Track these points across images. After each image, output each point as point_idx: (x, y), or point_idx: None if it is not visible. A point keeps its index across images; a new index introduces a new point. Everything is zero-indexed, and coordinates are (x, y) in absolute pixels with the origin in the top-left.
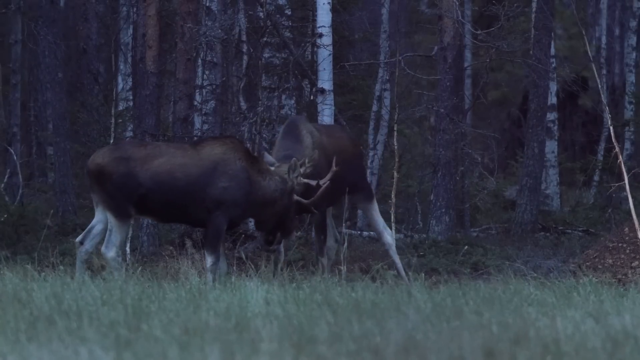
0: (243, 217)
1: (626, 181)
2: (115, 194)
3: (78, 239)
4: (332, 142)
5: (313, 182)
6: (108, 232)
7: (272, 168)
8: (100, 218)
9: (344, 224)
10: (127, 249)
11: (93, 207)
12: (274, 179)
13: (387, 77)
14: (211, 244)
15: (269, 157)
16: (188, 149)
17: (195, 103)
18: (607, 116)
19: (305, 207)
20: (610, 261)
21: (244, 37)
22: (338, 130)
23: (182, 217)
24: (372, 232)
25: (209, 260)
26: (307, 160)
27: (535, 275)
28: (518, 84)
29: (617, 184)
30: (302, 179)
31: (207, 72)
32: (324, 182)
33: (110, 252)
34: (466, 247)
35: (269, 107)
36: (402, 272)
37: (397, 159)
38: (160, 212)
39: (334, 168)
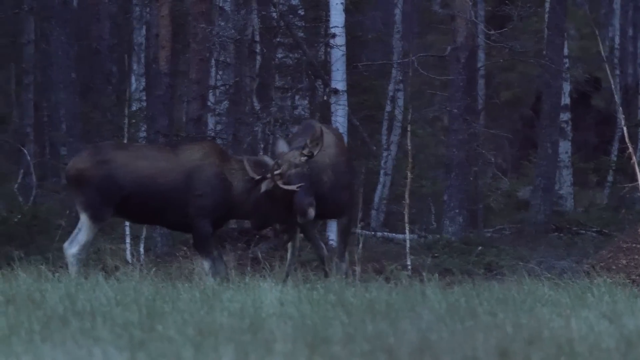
0: (226, 218)
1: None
2: (95, 197)
3: (65, 243)
4: (338, 143)
5: (293, 187)
6: (76, 230)
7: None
8: (82, 220)
9: (358, 225)
10: (141, 249)
11: None
12: (245, 179)
13: (400, 78)
14: (203, 249)
15: (283, 146)
16: (168, 152)
17: (209, 103)
18: (621, 116)
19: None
20: (624, 262)
21: (257, 38)
22: (338, 132)
23: (160, 220)
24: (386, 233)
25: (205, 265)
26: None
27: (549, 275)
28: (531, 84)
29: (630, 185)
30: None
31: (220, 73)
32: (298, 187)
33: (73, 249)
34: (480, 247)
35: (282, 107)
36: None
37: (410, 160)
38: (139, 214)
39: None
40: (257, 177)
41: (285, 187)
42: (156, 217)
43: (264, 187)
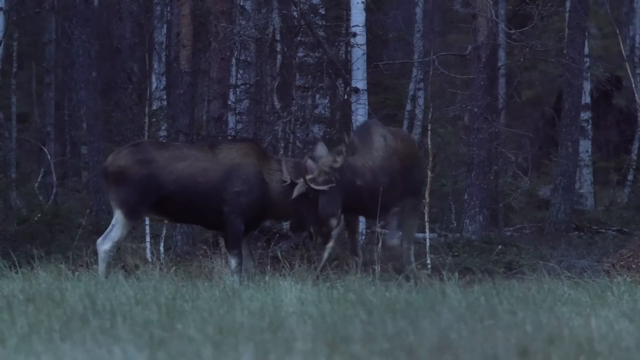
0: (262, 218)
1: None
2: (132, 195)
3: (99, 240)
4: (404, 146)
5: (325, 187)
6: (110, 226)
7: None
8: (117, 217)
9: (377, 224)
10: (161, 248)
11: None
12: (279, 178)
13: (421, 77)
14: (232, 247)
15: (321, 149)
16: (207, 152)
17: (229, 102)
18: None
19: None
20: None
21: (277, 37)
22: (404, 134)
23: (198, 219)
24: None
25: (232, 263)
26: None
27: (569, 274)
28: (552, 83)
29: None
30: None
31: (241, 72)
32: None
33: (105, 246)
34: (500, 246)
35: (303, 106)
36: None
37: (431, 158)
38: (176, 213)
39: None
40: (289, 181)
41: (317, 187)
42: (194, 216)
43: (296, 191)
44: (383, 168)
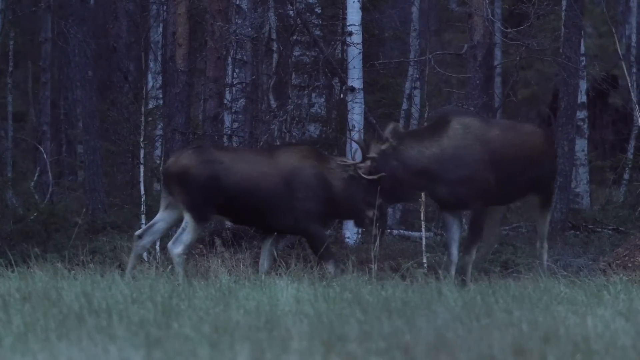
0: (328, 219)
1: None
2: (197, 196)
3: (137, 232)
4: (507, 137)
5: (373, 177)
6: (180, 229)
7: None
8: (164, 217)
9: (374, 223)
10: (157, 247)
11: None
12: (343, 178)
13: (417, 76)
14: (322, 254)
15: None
16: (267, 156)
17: (225, 101)
18: (637, 114)
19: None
20: None
21: (274, 36)
22: (526, 127)
23: (266, 223)
24: (402, 230)
25: (330, 268)
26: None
27: (565, 273)
28: (548, 82)
29: None
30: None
31: (237, 71)
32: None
33: (177, 249)
34: (496, 245)
35: (299, 105)
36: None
37: None
38: (242, 217)
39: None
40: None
41: (367, 177)
42: (260, 220)
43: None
44: (458, 157)
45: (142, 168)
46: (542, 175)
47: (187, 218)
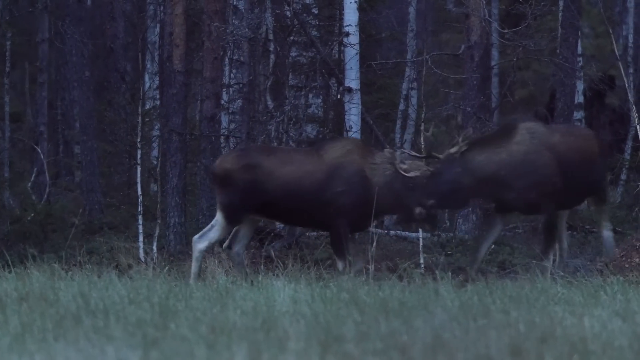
0: (370, 216)
1: None
2: (236, 199)
3: (225, 245)
4: (568, 142)
5: (411, 174)
6: (210, 225)
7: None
8: (217, 219)
9: (372, 223)
10: (154, 247)
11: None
12: (386, 173)
13: (414, 76)
14: (337, 249)
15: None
16: (313, 154)
17: (222, 102)
18: (634, 115)
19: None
20: (637, 260)
21: (271, 36)
22: (581, 131)
23: (305, 221)
24: (399, 231)
25: (339, 265)
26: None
27: (562, 274)
28: (545, 83)
29: None
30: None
31: (234, 71)
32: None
33: (201, 245)
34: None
35: (296, 106)
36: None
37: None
38: (283, 216)
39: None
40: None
41: (407, 174)
42: (301, 218)
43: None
44: (528, 162)
45: (139, 169)
46: (598, 176)
47: (219, 217)
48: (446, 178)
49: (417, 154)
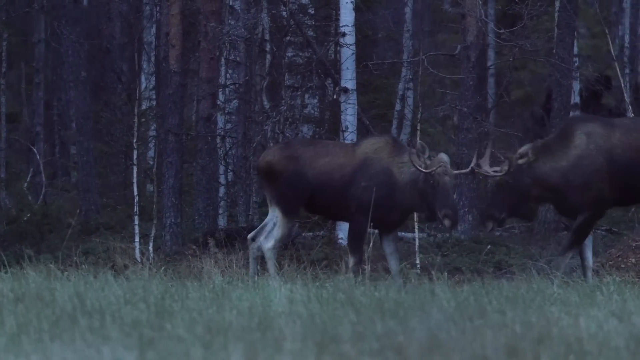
0: (396, 214)
1: None
2: (285, 191)
3: (250, 235)
4: (629, 139)
5: (464, 171)
6: (271, 224)
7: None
8: (273, 215)
9: (369, 224)
10: (150, 248)
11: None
12: (412, 171)
13: (411, 76)
14: (351, 245)
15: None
16: (349, 148)
17: (219, 102)
18: (630, 115)
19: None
20: (633, 260)
21: (267, 36)
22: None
23: (342, 215)
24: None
25: (350, 261)
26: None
27: (559, 274)
28: (541, 83)
29: None
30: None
31: (230, 71)
32: (463, 172)
33: (268, 244)
34: (489, 246)
35: (292, 106)
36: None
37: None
38: (328, 211)
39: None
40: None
41: (424, 171)
42: (341, 213)
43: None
44: (579, 167)
45: (135, 169)
46: None
47: (277, 213)
48: (517, 190)
49: (462, 170)
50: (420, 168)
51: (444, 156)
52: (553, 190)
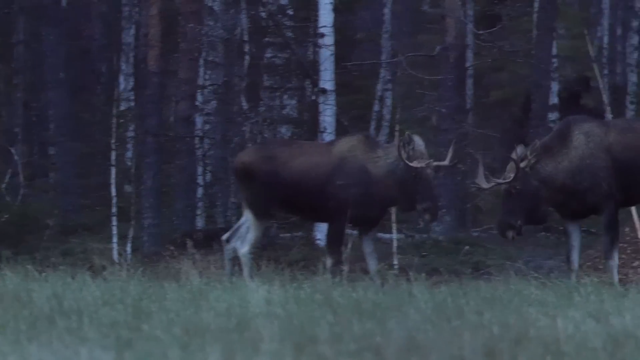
0: (376, 211)
1: None
2: (259, 192)
3: (224, 237)
4: (626, 137)
5: (443, 163)
6: (244, 228)
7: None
8: (248, 217)
9: (348, 223)
10: (128, 249)
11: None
12: (386, 163)
13: (389, 77)
14: (330, 245)
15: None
16: (324, 147)
17: (197, 103)
18: (609, 116)
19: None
20: None
21: (246, 37)
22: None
23: (319, 216)
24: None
25: (328, 261)
26: None
27: (536, 275)
28: (520, 84)
29: None
30: (431, 161)
31: (209, 72)
32: (440, 164)
33: (244, 249)
34: (467, 247)
35: (271, 107)
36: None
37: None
38: (306, 211)
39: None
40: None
41: (413, 165)
42: (321, 214)
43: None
44: (584, 167)
45: (113, 170)
46: None
47: (249, 216)
48: (527, 195)
49: (445, 163)
50: (406, 160)
51: (418, 139)
52: (562, 191)
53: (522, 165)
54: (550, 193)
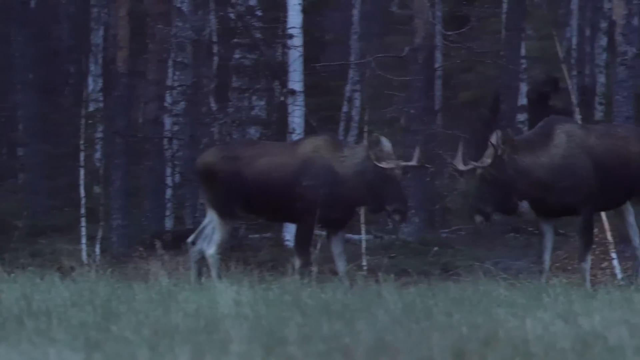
0: (344, 211)
1: None
2: (221, 193)
3: (190, 239)
4: (605, 142)
5: (411, 163)
6: (210, 229)
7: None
8: (212, 218)
9: (316, 224)
10: (97, 250)
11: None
12: (353, 163)
13: (358, 78)
14: (298, 246)
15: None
16: (288, 148)
17: (166, 104)
18: (578, 117)
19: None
20: None
21: (214, 38)
22: (624, 131)
23: (284, 216)
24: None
25: (297, 262)
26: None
27: (505, 276)
28: (489, 85)
29: None
30: (399, 161)
31: (177, 73)
32: (408, 164)
33: (210, 250)
34: (436, 248)
35: (240, 108)
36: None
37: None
38: (273, 212)
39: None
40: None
41: (382, 166)
42: (285, 214)
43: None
44: (566, 166)
45: (82, 171)
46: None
47: (213, 217)
48: (501, 183)
49: (413, 164)
50: (375, 161)
51: (384, 140)
52: (537, 185)
53: (498, 153)
54: (525, 186)
